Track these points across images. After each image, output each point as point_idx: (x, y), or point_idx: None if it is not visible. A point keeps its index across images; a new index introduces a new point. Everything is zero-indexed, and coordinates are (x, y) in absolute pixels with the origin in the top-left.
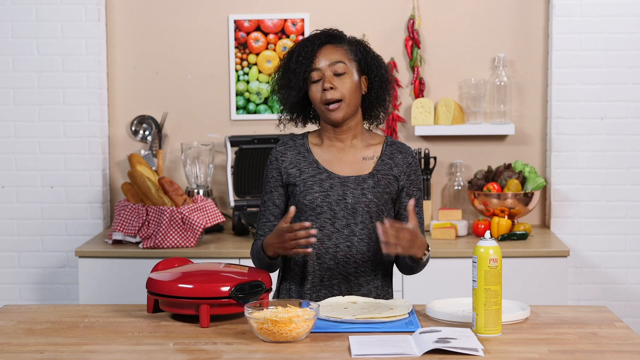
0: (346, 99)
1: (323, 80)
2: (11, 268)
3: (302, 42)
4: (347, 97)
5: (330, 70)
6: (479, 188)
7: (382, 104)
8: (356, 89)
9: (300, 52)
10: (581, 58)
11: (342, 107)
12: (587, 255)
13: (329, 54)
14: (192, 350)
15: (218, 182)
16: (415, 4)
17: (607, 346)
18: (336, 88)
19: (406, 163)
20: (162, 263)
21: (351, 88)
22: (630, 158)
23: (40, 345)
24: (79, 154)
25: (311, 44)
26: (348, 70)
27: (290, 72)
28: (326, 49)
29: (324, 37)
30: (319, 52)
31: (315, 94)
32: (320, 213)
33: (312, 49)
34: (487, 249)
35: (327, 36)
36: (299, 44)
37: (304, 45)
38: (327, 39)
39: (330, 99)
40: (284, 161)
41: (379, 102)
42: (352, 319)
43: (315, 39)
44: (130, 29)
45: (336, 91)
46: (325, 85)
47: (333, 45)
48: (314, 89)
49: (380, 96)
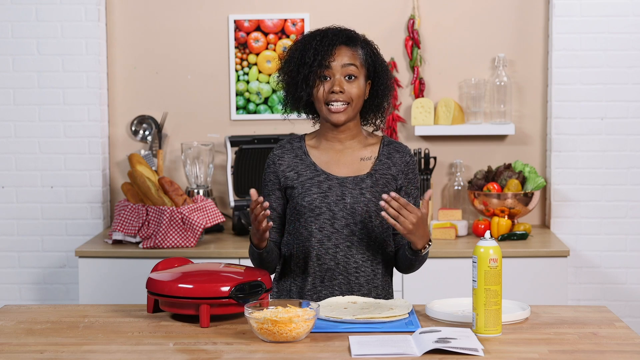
0: (352, 103)
1: (332, 80)
2: (11, 268)
3: (318, 36)
4: (354, 101)
5: (341, 73)
6: (479, 188)
7: (380, 111)
8: (361, 95)
9: (318, 49)
10: (581, 58)
11: (347, 110)
12: (587, 255)
13: (343, 56)
14: (192, 350)
15: (218, 182)
16: (415, 4)
17: (607, 346)
18: (345, 92)
19: (404, 162)
20: (162, 263)
21: (358, 93)
22: (630, 158)
23: (40, 345)
24: (79, 154)
25: (329, 41)
26: (358, 75)
27: (306, 67)
28: (342, 50)
29: (342, 37)
30: (335, 49)
31: (320, 92)
32: (320, 214)
33: (329, 47)
34: (487, 249)
35: (345, 37)
36: (316, 39)
37: (321, 42)
38: (345, 39)
39: (336, 100)
40: (281, 164)
41: (378, 109)
42: (352, 319)
43: (334, 38)
44: (130, 29)
45: (344, 94)
46: (335, 87)
47: (348, 47)
48: (319, 86)
49: (380, 104)
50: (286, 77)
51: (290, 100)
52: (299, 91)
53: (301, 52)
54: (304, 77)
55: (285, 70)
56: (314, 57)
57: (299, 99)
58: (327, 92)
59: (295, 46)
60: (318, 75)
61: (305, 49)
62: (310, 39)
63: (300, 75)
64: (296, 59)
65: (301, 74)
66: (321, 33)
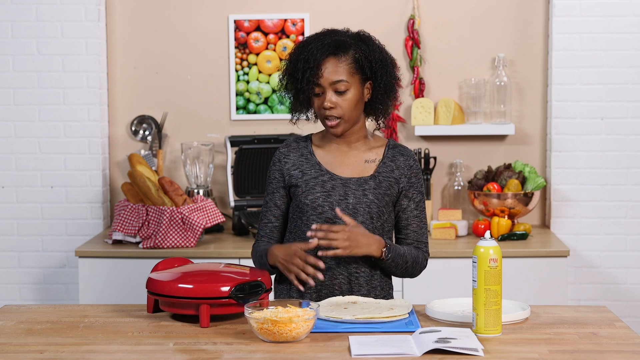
0: (345, 117)
1: (323, 97)
2: (11, 268)
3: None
4: (347, 114)
5: (331, 89)
6: (479, 188)
7: (384, 110)
8: (357, 103)
9: (304, 68)
10: (581, 58)
11: (340, 123)
12: (587, 255)
13: (331, 71)
14: (192, 350)
15: (218, 182)
16: (415, 4)
17: (607, 346)
18: (336, 107)
19: (407, 166)
20: (162, 263)
21: (350, 106)
22: (630, 158)
23: (40, 345)
24: (79, 154)
25: (314, 58)
26: (349, 87)
27: (297, 81)
28: (329, 63)
29: (329, 49)
30: (322, 65)
31: (317, 106)
32: (322, 213)
33: (315, 62)
34: (487, 249)
35: (332, 47)
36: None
37: (306, 61)
38: (332, 50)
39: (329, 115)
40: (286, 162)
41: (381, 108)
42: (352, 319)
43: (319, 53)
44: (130, 29)
45: (336, 110)
46: (325, 104)
47: (336, 59)
48: (315, 100)
49: (383, 102)
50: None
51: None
52: (300, 105)
53: (294, 65)
54: (298, 93)
55: (284, 84)
56: (302, 75)
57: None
58: (320, 107)
59: (288, 60)
60: (313, 92)
61: (295, 68)
62: (300, 50)
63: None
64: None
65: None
66: (307, 49)
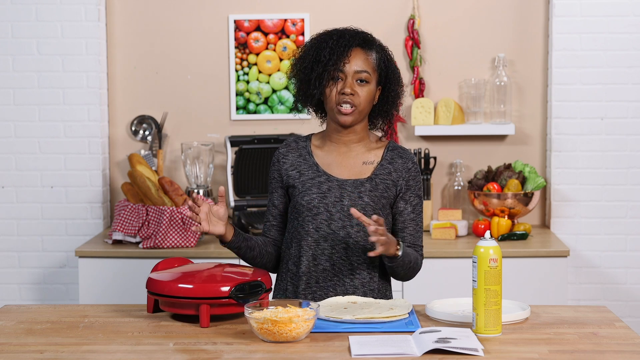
0: (360, 107)
1: (344, 82)
2: (11, 268)
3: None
4: (362, 105)
5: (354, 77)
6: (479, 188)
7: (388, 118)
8: (371, 99)
9: (333, 48)
10: (581, 58)
11: (354, 113)
12: (587, 255)
13: (358, 60)
14: (192, 350)
15: (218, 182)
16: (415, 4)
17: (607, 346)
18: (355, 94)
19: (405, 168)
20: (162, 263)
21: (367, 98)
22: (630, 158)
23: (40, 345)
24: (79, 154)
25: (346, 42)
26: (370, 80)
27: (321, 65)
28: (357, 53)
29: (359, 40)
30: (351, 52)
31: (332, 93)
32: (317, 214)
33: (345, 48)
34: (487, 249)
35: (362, 39)
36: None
37: (338, 42)
38: (361, 42)
39: (346, 102)
40: (285, 163)
41: (386, 115)
42: (352, 319)
43: (351, 39)
44: (130, 29)
45: (355, 97)
46: (346, 89)
47: (364, 51)
48: (332, 87)
49: (389, 110)
50: (299, 73)
51: (301, 97)
52: (312, 89)
53: (316, 50)
54: (317, 76)
55: (299, 67)
56: (329, 57)
57: (311, 96)
58: (338, 93)
59: (311, 43)
60: (331, 75)
61: (321, 47)
62: (327, 37)
63: (314, 73)
64: (311, 57)
65: (315, 72)
66: (338, 33)
